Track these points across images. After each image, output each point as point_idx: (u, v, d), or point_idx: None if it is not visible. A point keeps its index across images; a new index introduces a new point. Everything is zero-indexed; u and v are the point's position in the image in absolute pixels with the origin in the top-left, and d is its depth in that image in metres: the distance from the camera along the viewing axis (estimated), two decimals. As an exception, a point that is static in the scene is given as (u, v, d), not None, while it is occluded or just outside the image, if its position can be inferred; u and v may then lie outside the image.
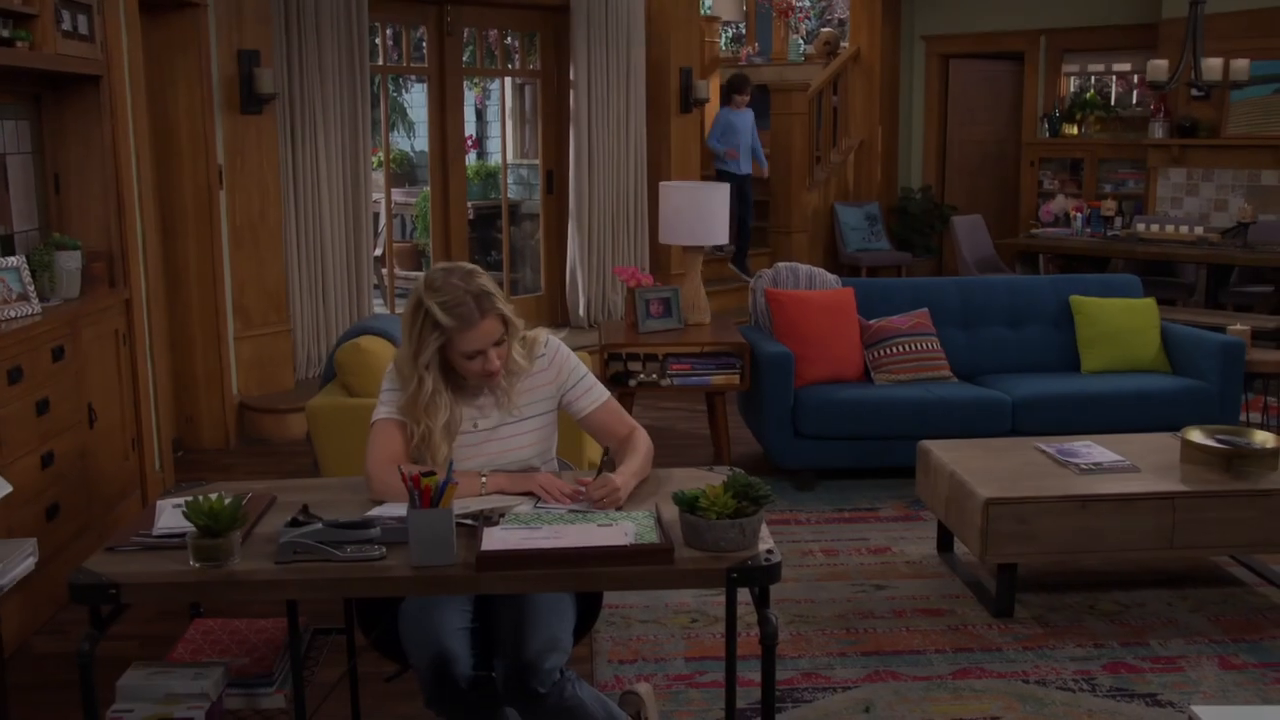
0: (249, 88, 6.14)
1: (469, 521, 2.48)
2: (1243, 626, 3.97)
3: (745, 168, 9.41)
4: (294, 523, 2.41)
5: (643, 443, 2.86)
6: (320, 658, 2.82)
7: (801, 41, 12.87)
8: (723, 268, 9.42)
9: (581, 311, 8.37)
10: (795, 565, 4.51)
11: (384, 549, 2.34)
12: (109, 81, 4.65)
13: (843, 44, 11.31)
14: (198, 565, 2.28)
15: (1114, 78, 10.81)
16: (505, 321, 2.75)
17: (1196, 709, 2.34)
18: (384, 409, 2.79)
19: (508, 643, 2.58)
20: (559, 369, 2.90)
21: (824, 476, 5.50)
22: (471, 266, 2.78)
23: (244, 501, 2.40)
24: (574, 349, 3.06)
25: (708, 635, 3.87)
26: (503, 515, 2.52)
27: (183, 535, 2.34)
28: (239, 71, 6.11)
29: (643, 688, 3.20)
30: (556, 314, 8.61)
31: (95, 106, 4.61)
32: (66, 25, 4.29)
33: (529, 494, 2.69)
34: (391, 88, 12.98)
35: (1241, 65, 7.67)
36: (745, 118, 9.40)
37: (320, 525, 2.38)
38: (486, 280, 2.75)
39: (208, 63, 5.95)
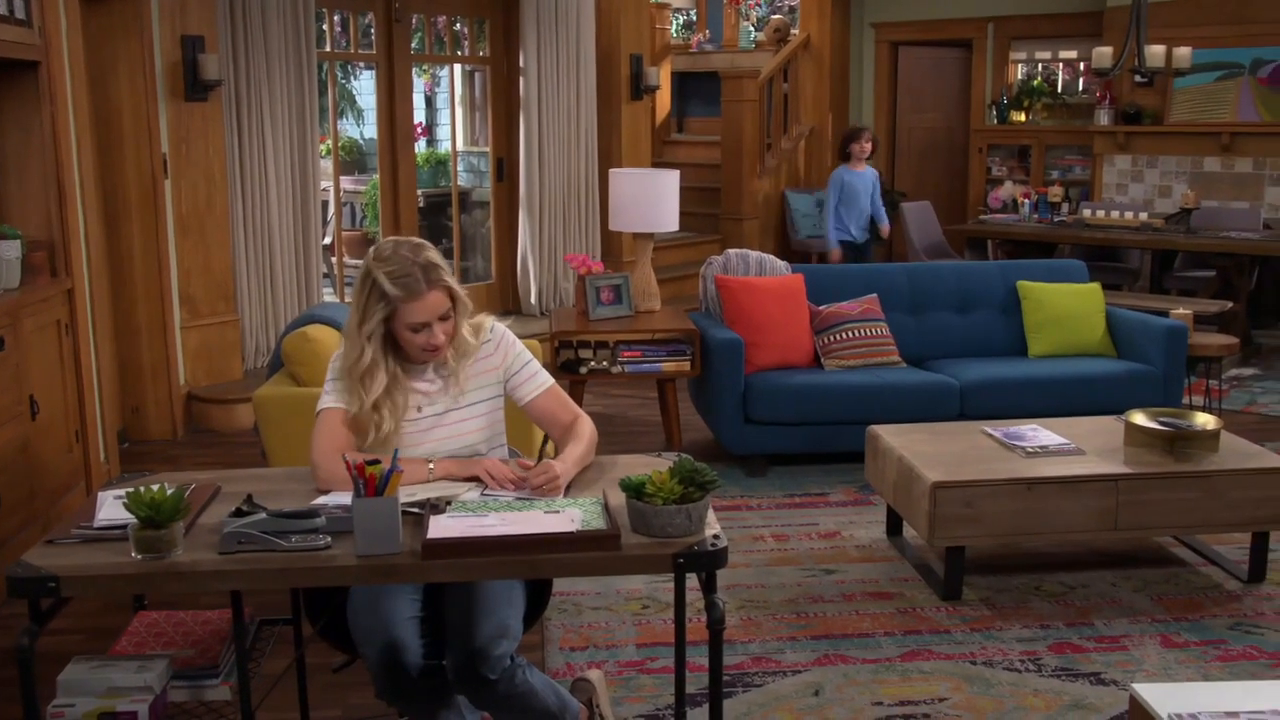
0: (193, 74, 6.06)
1: (415, 510, 2.47)
2: (1184, 606, 4.03)
3: (861, 235, 8.09)
4: (238, 513, 2.40)
5: (586, 430, 2.86)
6: (267, 649, 2.80)
7: (752, 29, 12.87)
8: (674, 254, 9.41)
9: (533, 299, 8.34)
10: (746, 551, 4.53)
11: (329, 538, 2.32)
12: (48, 68, 4.57)
13: (793, 31, 11.33)
14: (139, 557, 2.26)
15: (1061, 65, 10.90)
16: (453, 296, 2.75)
17: (1137, 687, 2.37)
18: (329, 398, 2.77)
19: (457, 630, 2.57)
20: (504, 354, 2.90)
21: (775, 462, 5.52)
22: (421, 240, 2.79)
23: (187, 492, 2.38)
24: (525, 337, 3.06)
25: (659, 621, 3.87)
26: (449, 503, 2.51)
27: (124, 527, 2.31)
28: (183, 58, 6.02)
29: (594, 674, 3.20)
30: (508, 302, 8.58)
31: (34, 93, 4.54)
32: (2, 10, 4.21)
33: (475, 479, 2.68)
34: (340, 75, 12.85)
35: (1184, 53, 7.77)
36: (866, 178, 8.06)
37: (264, 515, 2.36)
38: (435, 254, 2.76)
39: (150, 49, 5.86)
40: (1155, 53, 7.66)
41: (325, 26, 7.58)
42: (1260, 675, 3.51)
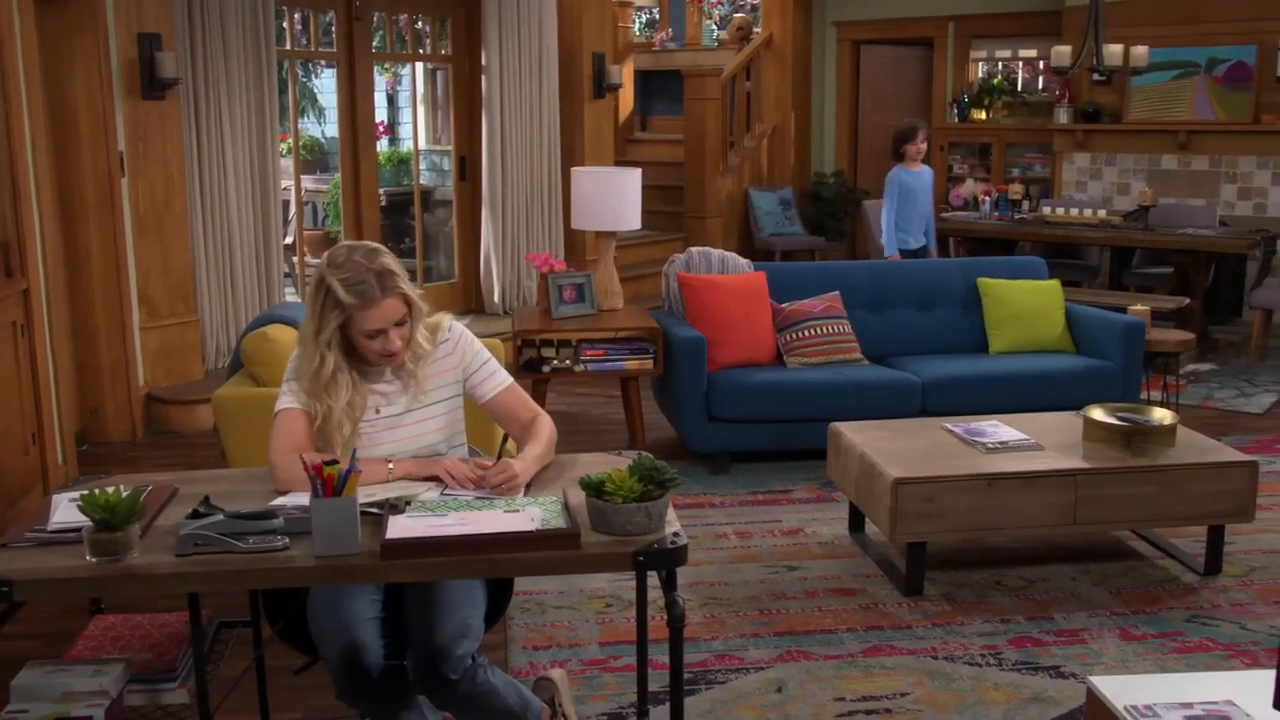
0: (150, 72, 6.00)
1: (375, 510, 2.46)
2: (1142, 599, 4.07)
3: (917, 240, 7.48)
4: (195, 515, 2.37)
5: (545, 428, 2.85)
6: (226, 651, 2.78)
7: (715, 27, 12.90)
8: (637, 252, 9.42)
9: (496, 298, 8.32)
10: (709, 548, 4.54)
11: (287, 539, 2.31)
12: (1, 66, 4.51)
13: (756, 30, 11.35)
14: (94, 560, 2.23)
15: (1021, 64, 10.98)
16: (408, 302, 2.73)
17: (1094, 680, 2.40)
18: (287, 398, 2.75)
19: (418, 630, 2.56)
20: (463, 353, 2.89)
21: (738, 460, 5.54)
22: (376, 245, 2.77)
23: (143, 494, 2.36)
24: (488, 336, 3.06)
25: (622, 620, 3.87)
26: (409, 503, 2.50)
27: (79, 530, 2.29)
28: (139, 55, 5.96)
29: (556, 673, 3.20)
30: (471, 301, 8.55)
31: (-13, 91, 4.48)
32: (-45, 7, 4.16)
33: (435, 479, 2.67)
34: (301, 73, 12.77)
35: (1141, 52, 7.84)
36: (924, 178, 7.47)
37: (221, 517, 2.34)
38: (390, 260, 2.73)
39: (106, 46, 5.80)
40: (1113, 52, 7.73)
41: (285, 24, 7.53)
42: (1216, 666, 3.55)
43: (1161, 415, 4.32)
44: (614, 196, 5.78)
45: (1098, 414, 4.33)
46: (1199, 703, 2.27)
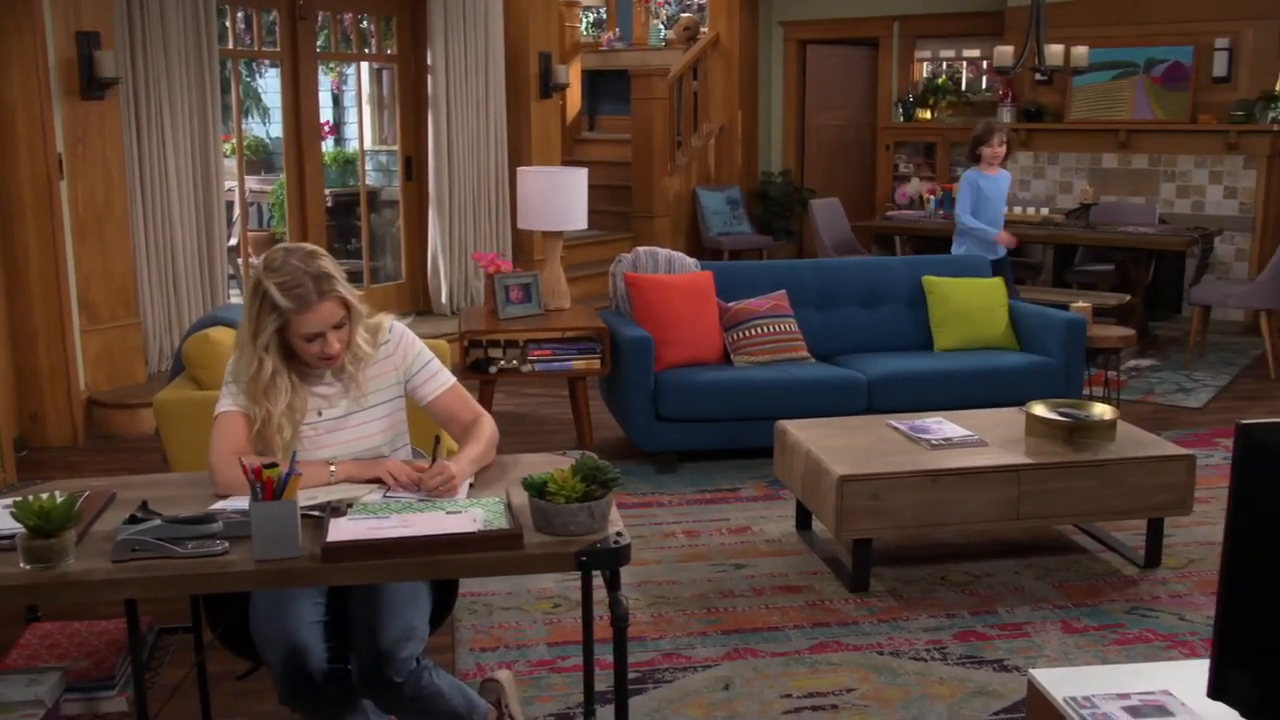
0: (89, 71, 5.91)
1: (316, 513, 2.44)
2: (1084, 591, 4.12)
3: (1000, 248, 7.04)
4: (133, 520, 2.34)
5: (486, 429, 2.84)
6: (166, 658, 2.74)
7: (662, 26, 12.92)
8: (586, 252, 9.41)
9: (444, 299, 8.28)
10: (657, 547, 4.54)
11: (226, 544, 2.28)
12: (-66, 65, 4.44)
13: (702, 30, 11.38)
14: (28, 567, 2.19)
15: (964, 64, 11.08)
16: (346, 305, 2.70)
17: (1035, 673, 2.42)
18: (227, 401, 2.73)
19: (362, 633, 2.55)
20: (404, 354, 2.87)
21: (686, 459, 5.55)
22: (314, 248, 2.73)
23: (80, 500, 2.32)
24: (436, 337, 3.04)
25: (569, 620, 3.87)
26: (350, 505, 2.49)
27: (12, 536, 2.25)
28: (78, 54, 5.88)
29: (503, 674, 3.19)
30: (418, 302, 8.51)
31: (-81, 91, 4.40)
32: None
33: (378, 480, 2.66)
34: (245, 72, 12.65)
35: (1081, 52, 7.94)
36: (1001, 183, 7.02)
37: (159, 521, 2.31)
38: (328, 262, 2.70)
39: (43, 45, 5.71)
40: (1054, 52, 7.83)
41: (228, 23, 7.45)
42: (1155, 657, 3.60)
43: (1102, 410, 4.38)
44: (560, 196, 5.78)
45: (1040, 410, 4.38)
46: (1136, 693, 2.30)
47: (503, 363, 5.45)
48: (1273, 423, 1.75)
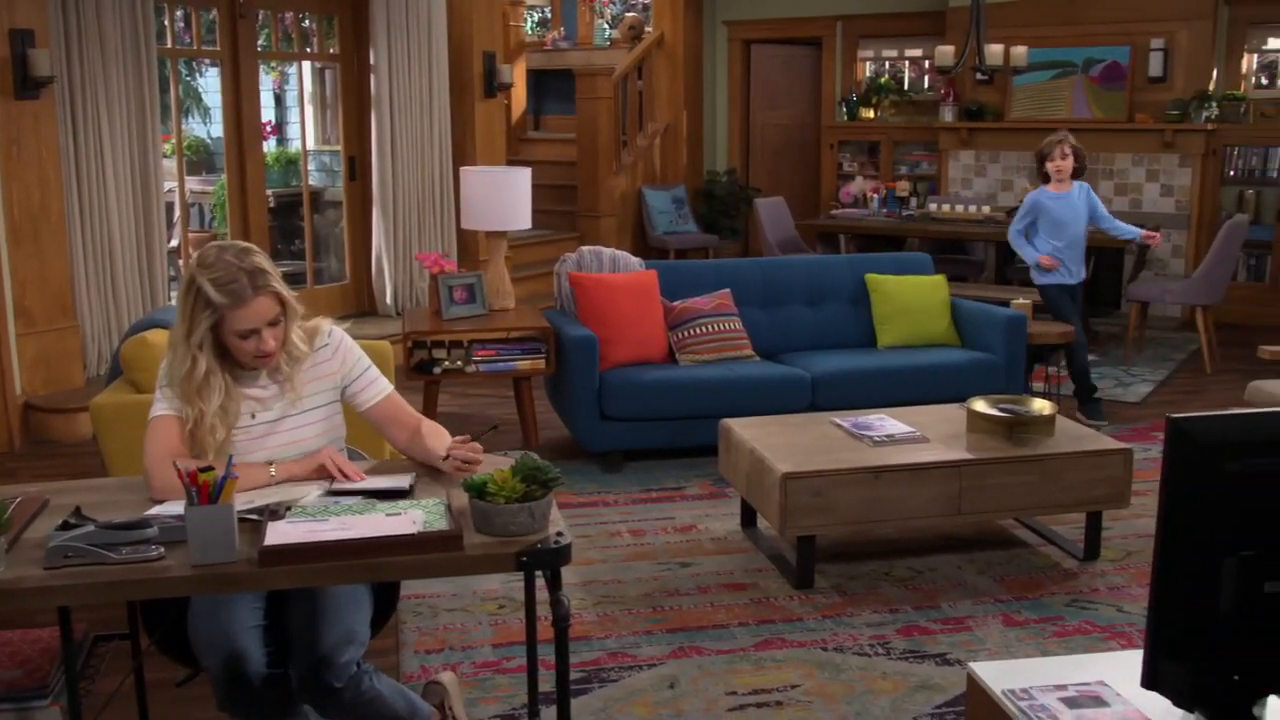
0: (23, 70, 5.81)
1: (253, 516, 2.41)
2: (1025, 585, 4.17)
3: (1077, 273, 6.39)
4: (66, 526, 2.31)
5: (438, 427, 2.84)
6: (102, 665, 2.71)
7: (607, 26, 12.90)
8: (533, 251, 9.38)
9: (389, 300, 8.23)
10: (603, 546, 4.54)
11: (162, 549, 2.26)
12: None
13: (647, 29, 11.39)
14: (-43, 575, 2.16)
15: (907, 63, 11.17)
16: (281, 301, 2.68)
17: (974, 666, 2.44)
18: (162, 405, 2.70)
19: (302, 638, 2.52)
20: (343, 359, 2.85)
21: (631, 458, 5.55)
22: (248, 245, 2.72)
23: (11, 506, 2.28)
24: (380, 338, 3.02)
25: (514, 620, 3.85)
26: (289, 508, 2.46)
27: (-59, 544, 2.21)
28: (11, 53, 5.78)
29: (446, 677, 3.17)
30: (363, 303, 8.45)
31: None
32: None
33: (319, 475, 2.64)
34: (184, 71, 12.50)
35: (1020, 52, 8.03)
36: (1072, 201, 6.26)
37: (93, 527, 2.28)
38: (263, 259, 2.69)
39: (-25, 44, 5.62)
40: (994, 52, 7.91)
41: (166, 21, 7.35)
42: (1094, 648, 3.65)
43: (1041, 406, 4.43)
44: (504, 196, 5.76)
45: (980, 406, 4.43)
46: (1073, 684, 2.33)
47: (447, 363, 5.42)
48: (1201, 416, 1.78)
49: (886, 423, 4.50)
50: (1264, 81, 9.36)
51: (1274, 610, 1.75)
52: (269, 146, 10.31)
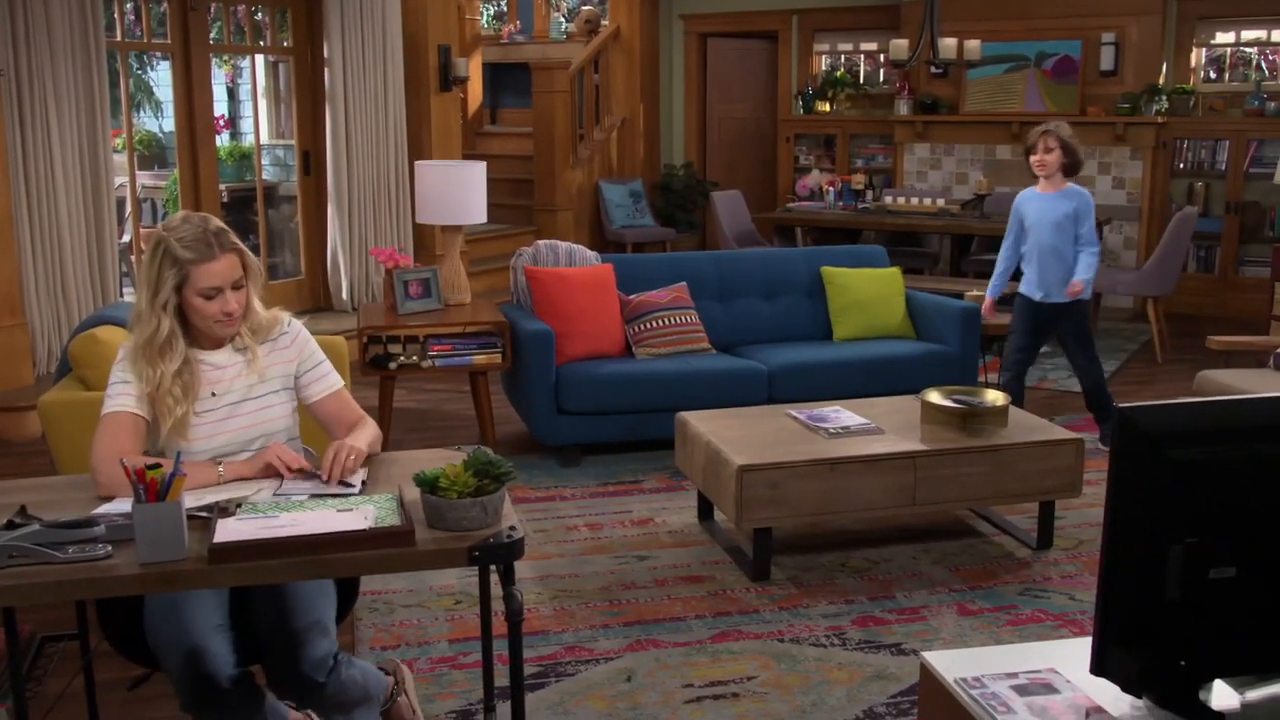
0: (-33, 64, 5.73)
1: (203, 514, 2.39)
2: (979, 575, 4.21)
3: (1046, 291, 5.50)
4: (10, 525, 2.27)
5: (371, 427, 2.87)
6: (50, 666, 2.67)
7: (563, 19, 12.87)
8: (490, 245, 9.35)
9: (345, 295, 8.17)
10: (560, 541, 4.54)
11: (109, 547, 2.23)
12: None
13: (603, 22, 11.37)
14: (-101, 576, 2.12)
15: (862, 57, 11.22)
16: (244, 263, 2.72)
17: (927, 655, 2.45)
18: (113, 401, 2.67)
19: (275, 636, 2.54)
20: (300, 349, 2.88)
21: (589, 452, 5.54)
22: (209, 215, 2.74)
23: (-47, 506, 2.24)
24: (336, 334, 3.02)
25: (471, 616, 3.84)
26: (239, 505, 2.44)
27: (-118, 545, 2.17)
28: (-45, 47, 5.70)
29: (403, 672, 3.16)
30: (319, 298, 8.38)
31: None
32: None
33: (267, 471, 2.62)
34: (135, 65, 12.35)
35: (974, 45, 8.10)
36: (1047, 205, 5.59)
37: (38, 526, 2.25)
38: (224, 225, 2.73)
39: (-82, 37, 5.52)
40: (948, 45, 7.97)
41: (115, 14, 7.26)
42: (1046, 636, 3.68)
43: (995, 397, 4.47)
44: (459, 190, 5.73)
45: (934, 397, 4.46)
46: (1024, 672, 2.35)
47: (402, 358, 5.39)
48: (1147, 406, 1.80)
49: (842, 414, 4.52)
50: (1213, 75, 9.49)
51: (1219, 597, 1.77)
52: (222, 141, 10.19)
